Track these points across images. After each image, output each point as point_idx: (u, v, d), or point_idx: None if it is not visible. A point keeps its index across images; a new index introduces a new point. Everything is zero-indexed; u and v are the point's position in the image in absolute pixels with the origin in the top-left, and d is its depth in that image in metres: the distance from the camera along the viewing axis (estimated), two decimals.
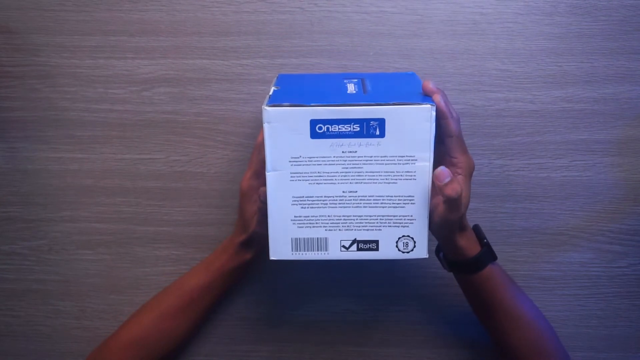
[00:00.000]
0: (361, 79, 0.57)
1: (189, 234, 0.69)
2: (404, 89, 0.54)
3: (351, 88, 0.53)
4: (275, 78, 0.59)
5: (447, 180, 0.49)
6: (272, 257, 0.53)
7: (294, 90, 0.53)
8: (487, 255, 0.57)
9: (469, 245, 0.56)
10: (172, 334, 0.63)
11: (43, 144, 0.67)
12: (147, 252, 0.69)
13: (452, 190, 0.49)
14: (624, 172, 0.66)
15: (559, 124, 0.65)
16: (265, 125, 0.49)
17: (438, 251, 0.62)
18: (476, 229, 0.59)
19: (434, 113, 0.48)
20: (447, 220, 0.52)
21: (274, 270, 0.69)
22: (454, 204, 0.50)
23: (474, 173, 0.66)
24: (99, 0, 0.64)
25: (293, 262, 0.68)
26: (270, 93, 0.52)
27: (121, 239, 0.69)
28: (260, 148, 0.57)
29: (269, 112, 0.49)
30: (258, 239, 0.60)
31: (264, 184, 0.51)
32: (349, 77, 0.58)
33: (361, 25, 0.64)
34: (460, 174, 0.53)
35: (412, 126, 0.49)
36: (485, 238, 0.58)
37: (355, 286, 0.69)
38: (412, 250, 0.52)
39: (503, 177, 0.67)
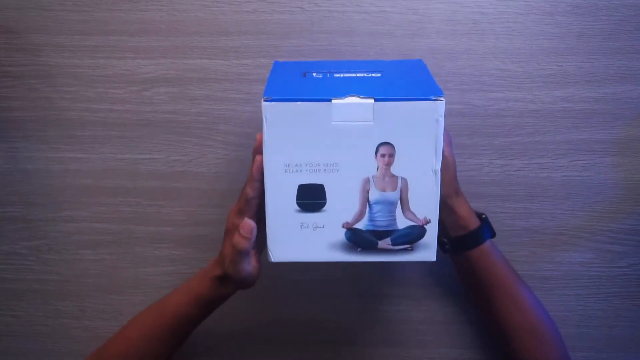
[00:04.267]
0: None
1: (189, 234, 0.69)
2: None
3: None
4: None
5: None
6: None
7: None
8: (487, 229, 0.59)
9: (469, 217, 0.57)
10: (155, 353, 0.60)
11: (43, 144, 0.67)
12: (147, 252, 0.69)
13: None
14: (624, 172, 0.66)
15: (559, 123, 0.65)
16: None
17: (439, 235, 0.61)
18: (476, 212, 0.60)
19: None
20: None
21: (273, 271, 0.69)
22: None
23: (475, 173, 0.66)
24: (99, 0, 0.64)
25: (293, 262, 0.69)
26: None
27: (121, 239, 0.69)
28: (253, 183, 0.50)
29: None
30: (234, 281, 0.54)
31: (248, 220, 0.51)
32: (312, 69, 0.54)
33: (361, 25, 0.64)
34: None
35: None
36: (485, 215, 0.60)
37: (355, 286, 0.69)
38: None
39: (503, 177, 0.66)
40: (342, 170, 0.48)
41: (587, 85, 0.64)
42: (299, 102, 0.46)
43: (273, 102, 0.46)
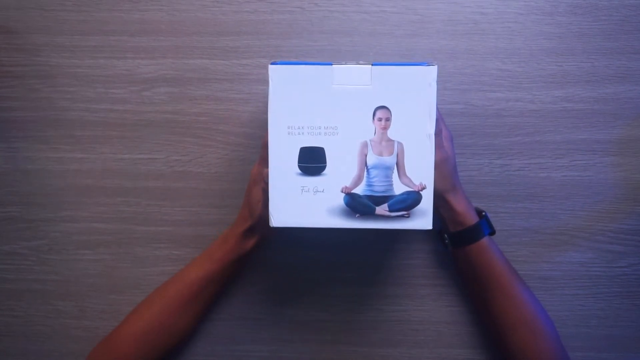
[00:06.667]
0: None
1: (189, 234, 0.69)
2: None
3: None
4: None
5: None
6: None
7: None
8: (485, 225, 0.60)
9: (467, 212, 0.59)
10: (174, 329, 0.62)
11: (43, 144, 0.67)
12: (147, 252, 0.69)
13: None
14: (624, 172, 0.66)
15: (559, 123, 0.65)
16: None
17: (440, 230, 0.64)
18: (476, 208, 0.63)
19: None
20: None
21: (273, 270, 0.69)
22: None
23: (475, 173, 0.66)
24: (99, 0, 0.64)
25: (293, 261, 0.69)
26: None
27: (121, 239, 0.69)
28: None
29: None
30: (261, 226, 0.60)
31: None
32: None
33: (361, 25, 0.64)
34: None
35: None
36: (484, 212, 0.62)
37: (355, 286, 0.69)
38: None
39: (503, 177, 0.67)
40: (342, 133, 0.51)
41: (587, 85, 0.64)
42: (302, 66, 0.50)
43: (279, 65, 0.50)
